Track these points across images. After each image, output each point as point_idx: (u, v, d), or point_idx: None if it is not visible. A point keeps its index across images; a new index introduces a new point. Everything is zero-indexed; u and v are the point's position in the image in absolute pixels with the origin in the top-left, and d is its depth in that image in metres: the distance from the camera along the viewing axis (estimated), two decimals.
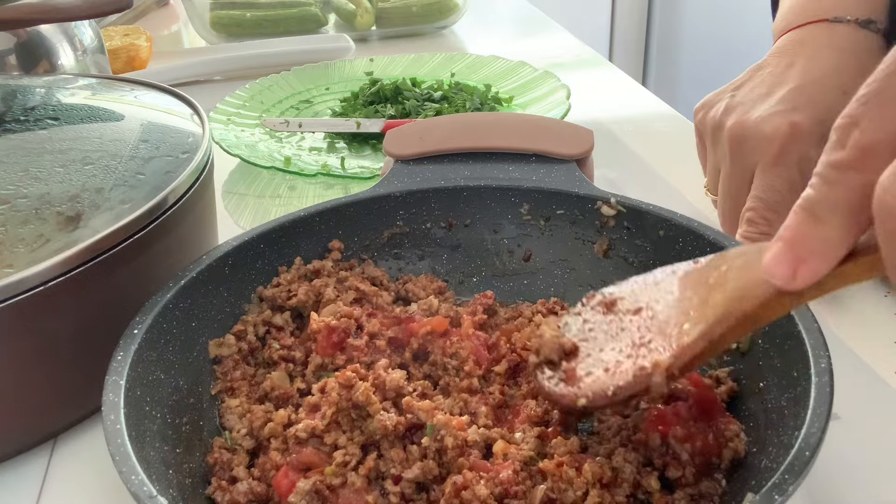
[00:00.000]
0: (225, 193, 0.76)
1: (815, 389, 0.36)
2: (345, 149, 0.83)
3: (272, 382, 0.45)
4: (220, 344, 0.47)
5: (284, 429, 0.42)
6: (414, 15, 1.28)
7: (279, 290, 0.50)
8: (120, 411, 0.37)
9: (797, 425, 0.35)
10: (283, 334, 0.49)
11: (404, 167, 0.56)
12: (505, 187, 0.54)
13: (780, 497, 0.31)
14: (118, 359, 0.40)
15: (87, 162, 0.52)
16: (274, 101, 0.93)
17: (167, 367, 0.43)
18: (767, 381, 0.41)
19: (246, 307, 0.50)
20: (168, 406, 0.42)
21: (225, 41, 1.27)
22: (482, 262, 0.56)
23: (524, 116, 0.57)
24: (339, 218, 0.53)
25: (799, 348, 0.39)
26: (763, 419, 0.40)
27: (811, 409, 0.35)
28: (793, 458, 0.33)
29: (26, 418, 0.46)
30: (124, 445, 0.36)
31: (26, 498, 0.44)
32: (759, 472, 0.36)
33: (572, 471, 0.37)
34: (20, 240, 0.44)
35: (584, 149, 0.56)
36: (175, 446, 0.40)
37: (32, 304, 0.42)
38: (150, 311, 0.43)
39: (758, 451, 0.38)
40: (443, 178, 0.55)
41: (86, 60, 0.91)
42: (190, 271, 0.46)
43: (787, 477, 0.32)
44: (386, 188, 0.54)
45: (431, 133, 0.58)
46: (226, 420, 0.44)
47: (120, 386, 0.39)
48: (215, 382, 0.46)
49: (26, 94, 0.62)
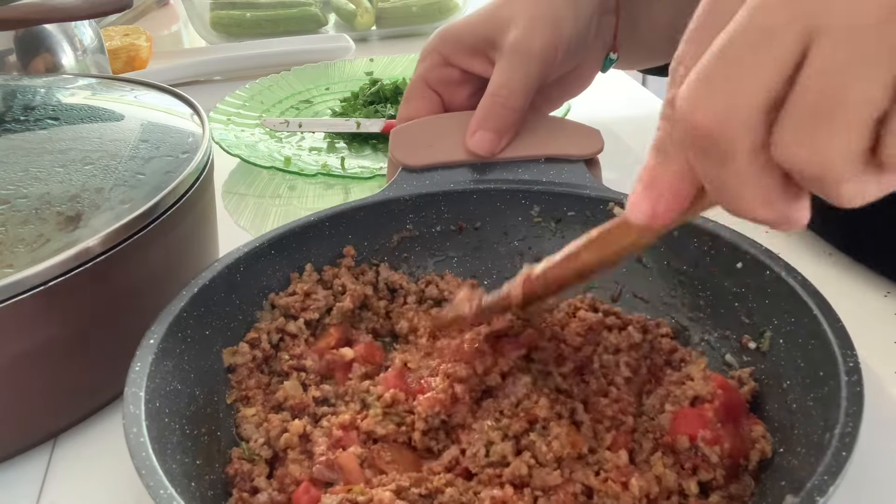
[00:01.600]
0: (225, 193, 0.76)
1: (845, 389, 0.36)
2: (345, 149, 0.83)
3: (285, 392, 0.45)
4: (234, 352, 0.46)
5: (301, 440, 0.41)
6: (414, 15, 1.28)
7: (294, 298, 0.49)
8: (142, 424, 0.36)
9: (828, 426, 0.35)
10: (298, 342, 0.48)
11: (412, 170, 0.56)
12: (515, 190, 0.54)
13: (821, 498, 0.31)
14: (136, 370, 0.39)
15: (87, 162, 0.52)
16: (274, 101, 0.93)
17: (184, 377, 0.42)
18: (791, 381, 0.41)
19: (258, 314, 0.49)
20: (186, 417, 0.41)
21: (225, 41, 1.27)
22: (493, 265, 0.55)
23: (532, 116, 0.57)
24: (350, 222, 0.52)
25: (824, 348, 0.39)
26: (788, 419, 0.40)
27: (843, 409, 0.35)
28: (830, 458, 0.33)
29: (26, 418, 0.46)
30: (149, 459, 0.35)
31: (26, 498, 0.44)
32: (789, 473, 0.37)
33: (618, 486, 0.37)
34: (20, 240, 0.44)
35: (594, 149, 0.56)
36: (195, 458, 0.39)
37: (32, 304, 0.42)
38: (165, 320, 0.42)
39: (784, 451, 0.39)
40: (451, 181, 0.54)
41: (86, 60, 0.91)
42: (202, 278, 0.45)
43: (826, 478, 0.32)
44: (395, 192, 0.54)
45: (441, 140, 0.56)
46: (243, 430, 0.43)
47: (140, 398, 0.38)
48: (230, 391, 0.45)
49: (26, 94, 0.62)
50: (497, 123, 0.54)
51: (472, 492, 0.38)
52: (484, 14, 0.58)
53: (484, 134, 0.54)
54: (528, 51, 0.55)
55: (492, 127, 0.54)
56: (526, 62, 0.55)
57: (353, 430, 0.42)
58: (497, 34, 0.56)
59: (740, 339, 0.46)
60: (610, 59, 0.64)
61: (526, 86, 0.55)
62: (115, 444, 0.47)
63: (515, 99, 0.54)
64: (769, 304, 0.44)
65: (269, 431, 0.42)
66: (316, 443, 0.41)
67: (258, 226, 0.71)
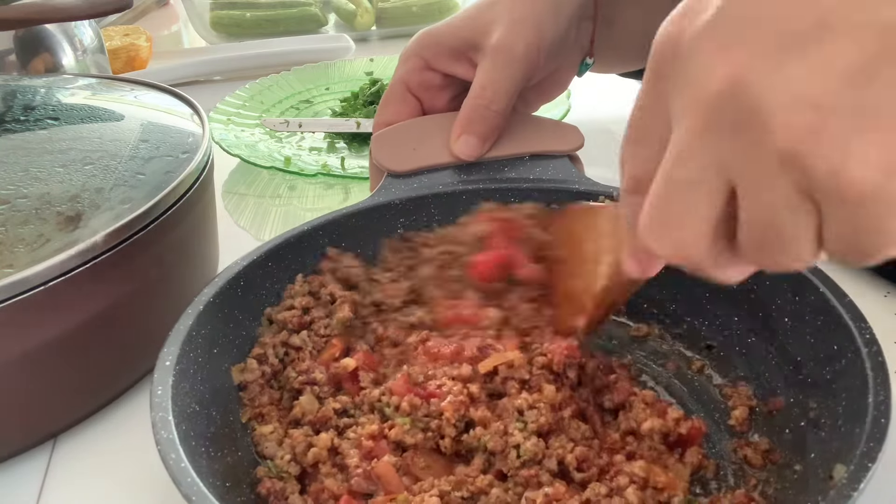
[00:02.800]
0: (225, 193, 0.76)
1: (869, 360, 0.37)
2: (345, 149, 0.83)
3: (302, 408, 0.44)
4: (243, 369, 0.45)
5: (330, 454, 0.41)
6: (414, 15, 1.28)
7: (292, 313, 0.48)
8: (178, 449, 0.35)
9: (855, 396, 0.36)
10: (303, 355, 0.47)
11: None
12: (504, 188, 0.54)
13: (871, 464, 0.33)
14: (158, 393, 0.38)
15: (87, 162, 0.52)
16: (274, 101, 0.93)
17: (200, 399, 0.41)
18: (802, 357, 0.42)
19: (258, 330, 0.48)
20: (208, 439, 0.40)
21: (225, 41, 1.27)
22: None
23: (512, 116, 0.57)
24: (342, 229, 0.52)
25: (835, 323, 0.40)
26: (803, 394, 0.41)
27: (871, 378, 0.36)
28: (871, 426, 0.34)
29: (26, 418, 0.46)
30: (196, 485, 0.34)
31: (26, 498, 0.44)
32: (819, 443, 0.38)
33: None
34: (20, 240, 0.44)
35: (576, 144, 0.56)
36: (225, 480, 0.38)
37: (32, 304, 0.42)
38: (176, 341, 0.41)
39: (806, 425, 0.40)
40: (440, 183, 0.54)
41: (86, 60, 0.91)
42: (206, 295, 0.44)
43: (873, 444, 0.33)
44: (385, 196, 0.53)
45: (425, 143, 0.56)
46: (263, 448, 0.42)
47: (169, 422, 0.37)
48: (244, 409, 0.44)
49: (26, 94, 0.62)
50: (481, 127, 0.54)
51: (513, 493, 0.38)
52: (465, 17, 0.58)
53: (468, 138, 0.54)
54: (512, 52, 0.55)
55: (475, 130, 0.54)
56: (509, 63, 0.55)
57: (383, 440, 0.41)
58: (479, 37, 0.56)
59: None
60: (586, 63, 0.64)
61: (509, 87, 0.55)
62: (114, 445, 0.47)
63: (499, 101, 0.54)
64: (770, 286, 0.45)
65: (293, 448, 0.41)
66: (347, 455, 0.40)
67: (258, 226, 0.71)
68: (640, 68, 0.80)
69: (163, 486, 0.44)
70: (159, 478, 0.44)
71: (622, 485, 0.38)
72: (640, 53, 0.74)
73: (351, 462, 0.40)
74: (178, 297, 0.52)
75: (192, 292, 0.45)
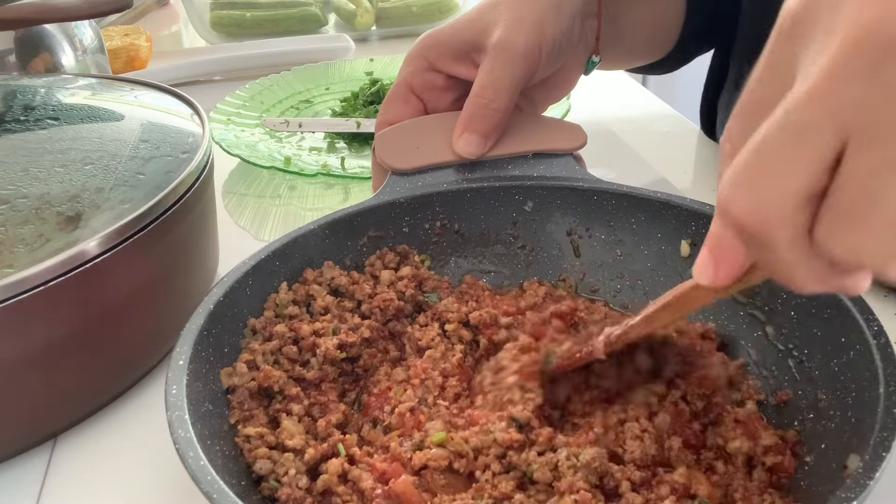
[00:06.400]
0: (225, 193, 0.77)
1: (878, 351, 0.37)
2: (345, 149, 0.83)
3: (288, 433, 0.42)
4: (231, 373, 0.44)
5: (340, 480, 0.39)
6: (414, 15, 1.28)
7: (283, 329, 0.47)
8: (197, 448, 0.35)
9: (863, 387, 0.37)
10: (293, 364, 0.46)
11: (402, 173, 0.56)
12: (508, 186, 0.54)
13: (886, 454, 0.33)
14: (173, 392, 0.38)
15: (87, 162, 0.52)
16: (274, 101, 0.93)
17: (212, 398, 0.41)
18: (810, 350, 0.42)
19: (241, 342, 0.46)
20: (221, 437, 0.40)
21: (225, 41, 1.27)
22: (490, 264, 0.56)
23: (514, 115, 0.57)
24: (348, 228, 0.52)
25: (843, 316, 0.40)
26: (810, 386, 0.41)
27: (881, 369, 0.36)
28: (883, 415, 0.34)
29: (26, 418, 0.46)
30: (217, 482, 0.34)
31: (26, 498, 0.44)
32: (830, 434, 0.38)
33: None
34: (20, 240, 0.44)
35: (580, 142, 0.57)
36: (240, 479, 0.38)
37: (32, 304, 0.42)
38: (188, 340, 0.41)
39: (815, 416, 0.40)
40: (444, 181, 0.55)
41: (86, 60, 0.91)
42: (215, 295, 0.44)
43: (886, 434, 0.34)
44: (390, 195, 0.54)
45: (428, 142, 0.56)
46: (258, 467, 0.40)
47: (186, 421, 0.36)
48: (232, 412, 0.43)
49: (26, 94, 0.62)
50: (482, 125, 0.55)
51: (535, 500, 0.38)
52: (468, 19, 0.58)
53: (470, 136, 0.55)
54: (512, 50, 0.55)
55: (477, 128, 0.55)
56: (510, 62, 0.55)
57: (395, 462, 0.40)
58: (481, 37, 0.56)
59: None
60: (592, 61, 0.65)
61: (510, 86, 0.55)
62: (115, 445, 0.47)
63: (500, 99, 0.55)
64: (775, 282, 0.45)
65: (299, 472, 0.39)
66: (360, 479, 0.39)
67: (258, 226, 0.71)
68: (647, 63, 0.80)
69: (163, 486, 0.44)
70: (159, 478, 0.44)
71: (662, 494, 0.37)
72: (646, 48, 0.74)
73: (366, 485, 0.39)
74: (178, 297, 0.52)
75: (192, 292, 0.45)
